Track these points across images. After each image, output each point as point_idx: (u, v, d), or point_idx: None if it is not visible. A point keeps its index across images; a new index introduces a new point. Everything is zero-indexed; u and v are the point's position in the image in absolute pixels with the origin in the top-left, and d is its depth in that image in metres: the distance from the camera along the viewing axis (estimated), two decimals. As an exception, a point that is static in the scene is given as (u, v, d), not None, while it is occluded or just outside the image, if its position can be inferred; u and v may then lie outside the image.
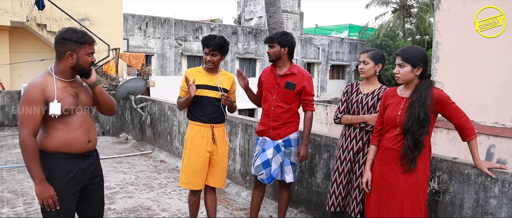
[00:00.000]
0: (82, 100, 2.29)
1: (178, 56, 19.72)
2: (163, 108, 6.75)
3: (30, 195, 4.54)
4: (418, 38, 26.65)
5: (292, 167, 3.24)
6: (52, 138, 2.18)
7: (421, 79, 2.45)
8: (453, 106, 2.39)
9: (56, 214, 2.18)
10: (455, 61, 6.39)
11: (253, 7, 24.18)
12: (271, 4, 7.05)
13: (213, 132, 3.14)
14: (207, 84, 3.13)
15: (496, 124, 5.95)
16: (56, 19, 11.28)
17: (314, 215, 3.68)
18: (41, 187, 2.11)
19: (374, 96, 2.84)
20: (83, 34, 2.19)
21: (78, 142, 2.23)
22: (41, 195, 2.11)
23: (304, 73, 3.21)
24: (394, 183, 2.45)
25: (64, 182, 2.19)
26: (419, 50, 2.48)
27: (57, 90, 2.16)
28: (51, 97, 2.13)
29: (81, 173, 2.26)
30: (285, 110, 3.18)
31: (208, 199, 3.30)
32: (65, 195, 2.20)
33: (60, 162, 2.19)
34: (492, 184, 2.35)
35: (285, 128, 3.20)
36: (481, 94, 6.07)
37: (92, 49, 2.24)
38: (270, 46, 3.18)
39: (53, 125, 2.18)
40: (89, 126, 2.31)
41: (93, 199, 2.39)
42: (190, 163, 3.15)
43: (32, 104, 2.10)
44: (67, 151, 2.21)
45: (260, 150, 3.21)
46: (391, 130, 2.49)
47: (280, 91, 3.18)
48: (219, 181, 3.26)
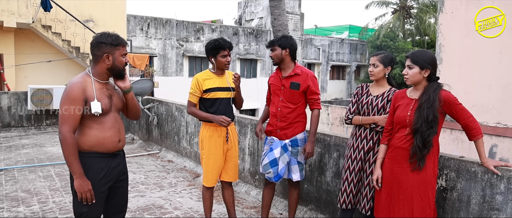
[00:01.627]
0: (115, 102, 2.44)
1: (180, 56, 19.82)
2: (170, 109, 6.86)
3: (43, 194, 4.65)
4: (418, 39, 26.76)
5: (299, 166, 3.37)
6: (87, 137, 2.32)
7: (430, 82, 2.57)
8: (460, 107, 2.50)
9: (87, 210, 2.32)
10: (458, 63, 6.52)
11: (254, 8, 24.29)
12: (276, 7, 7.16)
13: (228, 130, 3.31)
14: (219, 86, 3.28)
15: (498, 124, 6.08)
16: (61, 20, 11.40)
17: (324, 212, 3.80)
18: (81, 181, 2.24)
19: (384, 98, 2.96)
20: (117, 37, 2.35)
21: (110, 141, 2.37)
22: (80, 189, 2.24)
23: (308, 73, 3.33)
24: (404, 180, 2.56)
25: (96, 180, 2.33)
26: (428, 53, 2.60)
27: (95, 90, 2.32)
28: (90, 97, 2.29)
29: (111, 171, 2.40)
30: (292, 110, 3.31)
31: (226, 193, 3.47)
32: (96, 192, 2.33)
33: (93, 161, 2.33)
34: (498, 181, 2.47)
35: (292, 129, 3.33)
36: (484, 95, 6.20)
37: (125, 50, 2.39)
38: (272, 50, 3.33)
39: (89, 124, 2.32)
40: (120, 126, 2.46)
41: (119, 195, 2.53)
42: (210, 161, 3.30)
43: (73, 102, 2.24)
44: (100, 150, 2.35)
45: (268, 149, 3.34)
46: (401, 130, 2.61)
47: (286, 92, 3.31)
48: (233, 176, 3.45)
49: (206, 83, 3.26)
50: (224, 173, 3.41)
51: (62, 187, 4.94)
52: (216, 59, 3.23)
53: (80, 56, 11.50)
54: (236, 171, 3.46)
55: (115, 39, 2.34)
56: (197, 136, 6.01)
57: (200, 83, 3.26)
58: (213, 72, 3.33)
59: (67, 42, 11.32)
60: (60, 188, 4.90)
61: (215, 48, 3.21)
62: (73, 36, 11.39)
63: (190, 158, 6.22)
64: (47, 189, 4.88)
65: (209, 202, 3.44)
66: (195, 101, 3.34)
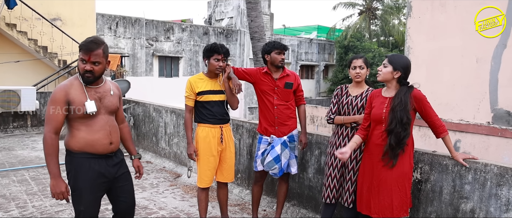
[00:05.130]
0: (105, 105, 2.46)
1: (149, 56, 19.54)
2: (147, 110, 6.85)
3: (21, 199, 4.56)
4: (383, 39, 27.78)
5: (296, 160, 3.60)
6: (76, 139, 2.37)
7: (400, 85, 2.81)
8: (428, 105, 2.77)
9: (84, 208, 2.39)
10: (425, 64, 6.94)
11: (224, 8, 24.31)
12: (253, 9, 7.31)
13: (222, 132, 3.40)
14: (212, 89, 3.37)
15: (461, 121, 6.55)
16: (26, 18, 10.98)
17: (306, 208, 3.99)
18: (54, 182, 2.30)
19: (363, 98, 3.18)
20: (85, 43, 2.33)
21: (99, 143, 2.40)
22: (53, 189, 2.31)
23: (295, 74, 3.65)
24: (383, 174, 2.78)
25: (88, 179, 2.38)
26: (404, 59, 2.85)
27: (81, 93, 2.36)
28: (73, 99, 2.32)
29: (105, 172, 2.44)
30: (286, 106, 3.54)
31: (220, 193, 3.58)
32: (89, 191, 2.39)
33: (84, 161, 2.38)
34: (466, 173, 2.74)
35: (288, 126, 3.53)
36: (448, 94, 6.67)
37: (84, 56, 2.32)
38: (262, 59, 3.64)
39: (76, 126, 2.37)
40: (111, 129, 2.48)
41: (124, 194, 2.59)
42: (204, 162, 3.39)
43: (55, 104, 2.29)
44: (90, 151, 2.39)
45: (269, 147, 3.50)
46: (378, 127, 2.83)
47: (280, 91, 3.52)
48: (228, 176, 3.53)
49: (199, 85, 3.34)
50: (219, 173, 3.51)
51: (40, 191, 4.85)
52: (209, 62, 3.33)
53: (48, 56, 11.13)
54: (231, 172, 3.55)
55: (82, 44, 2.34)
56: (176, 137, 6.06)
57: (193, 85, 3.34)
58: (206, 75, 3.42)
59: (33, 41, 10.92)
60: (38, 192, 4.81)
61: (210, 51, 3.31)
62: (40, 35, 11.00)
63: (169, 159, 6.26)
64: (24, 193, 4.78)
65: (204, 203, 3.50)
66: (191, 104, 3.40)
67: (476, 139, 6.30)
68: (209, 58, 3.32)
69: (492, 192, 2.61)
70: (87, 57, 2.31)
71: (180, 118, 5.93)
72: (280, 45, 3.52)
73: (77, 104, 2.33)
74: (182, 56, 20.49)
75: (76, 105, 2.33)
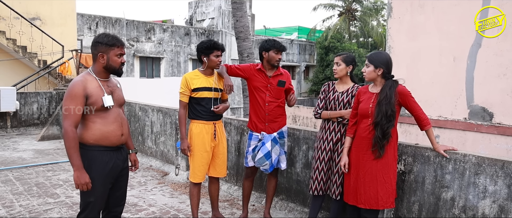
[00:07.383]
0: (116, 98, 2.57)
1: (130, 57, 19.33)
2: (133, 109, 6.84)
3: (7, 199, 4.50)
4: (362, 40, 28.34)
5: (285, 156, 3.69)
6: (92, 131, 2.44)
7: (386, 80, 2.96)
8: (413, 100, 2.93)
9: (94, 199, 2.46)
10: (406, 63, 7.20)
11: (205, 8, 24.28)
12: (238, 9, 7.40)
13: (215, 128, 3.47)
14: (206, 86, 3.44)
15: (440, 117, 6.83)
16: (4, 17, 10.75)
17: (294, 201, 4.11)
18: (79, 174, 2.37)
19: (348, 94, 3.32)
20: (113, 38, 2.48)
21: (113, 134, 2.50)
22: (78, 180, 2.37)
23: (287, 72, 3.74)
24: (369, 166, 2.93)
25: (101, 173, 2.46)
26: (382, 55, 3.00)
27: (96, 87, 2.45)
28: (91, 93, 2.41)
29: (115, 164, 2.54)
30: (277, 104, 3.62)
31: (212, 188, 3.64)
32: (102, 184, 2.47)
33: (98, 154, 2.46)
34: (447, 163, 2.91)
35: (278, 122, 3.63)
36: (427, 91, 6.94)
37: (122, 50, 2.51)
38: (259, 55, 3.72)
39: (92, 118, 2.45)
40: (122, 121, 2.59)
41: (121, 189, 2.67)
42: (198, 157, 3.45)
43: (74, 98, 2.37)
44: (104, 143, 2.47)
45: (260, 144, 3.57)
46: (364, 120, 2.97)
47: (273, 89, 3.61)
48: (220, 171, 3.60)
49: (194, 82, 3.41)
50: (212, 169, 3.57)
51: (26, 191, 4.80)
52: (208, 58, 3.39)
53: (28, 56, 10.91)
54: (223, 167, 3.62)
55: (110, 39, 2.47)
56: (163, 136, 6.08)
57: (189, 82, 3.40)
58: (202, 72, 3.49)
59: (12, 41, 10.68)
60: (24, 192, 4.76)
61: (209, 48, 3.38)
62: (18, 35, 10.76)
63: (156, 158, 6.27)
64: (10, 193, 4.72)
65: (197, 199, 3.56)
66: (185, 100, 3.46)
67: (454, 134, 6.59)
68: (208, 54, 3.39)
69: (470, 181, 2.78)
70: (123, 51, 2.51)
71: (167, 117, 5.96)
72: (280, 45, 3.59)
73: (95, 97, 2.43)
74: (163, 56, 20.36)
75: (95, 99, 2.42)
